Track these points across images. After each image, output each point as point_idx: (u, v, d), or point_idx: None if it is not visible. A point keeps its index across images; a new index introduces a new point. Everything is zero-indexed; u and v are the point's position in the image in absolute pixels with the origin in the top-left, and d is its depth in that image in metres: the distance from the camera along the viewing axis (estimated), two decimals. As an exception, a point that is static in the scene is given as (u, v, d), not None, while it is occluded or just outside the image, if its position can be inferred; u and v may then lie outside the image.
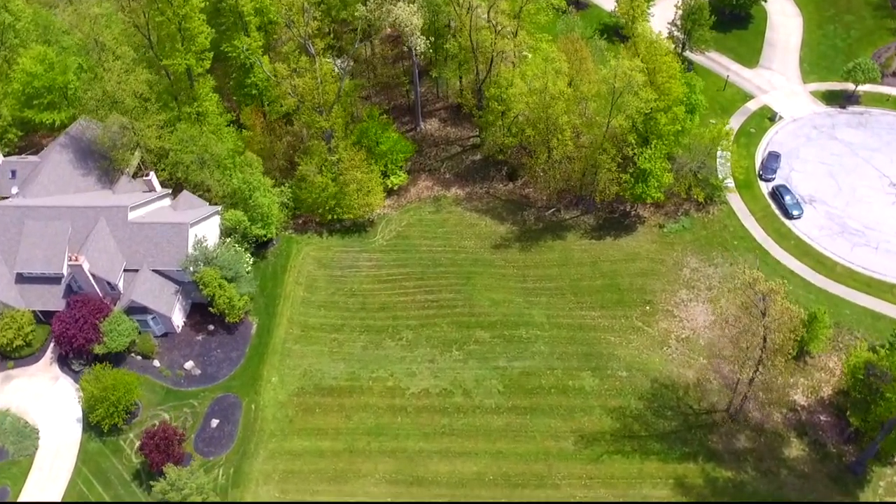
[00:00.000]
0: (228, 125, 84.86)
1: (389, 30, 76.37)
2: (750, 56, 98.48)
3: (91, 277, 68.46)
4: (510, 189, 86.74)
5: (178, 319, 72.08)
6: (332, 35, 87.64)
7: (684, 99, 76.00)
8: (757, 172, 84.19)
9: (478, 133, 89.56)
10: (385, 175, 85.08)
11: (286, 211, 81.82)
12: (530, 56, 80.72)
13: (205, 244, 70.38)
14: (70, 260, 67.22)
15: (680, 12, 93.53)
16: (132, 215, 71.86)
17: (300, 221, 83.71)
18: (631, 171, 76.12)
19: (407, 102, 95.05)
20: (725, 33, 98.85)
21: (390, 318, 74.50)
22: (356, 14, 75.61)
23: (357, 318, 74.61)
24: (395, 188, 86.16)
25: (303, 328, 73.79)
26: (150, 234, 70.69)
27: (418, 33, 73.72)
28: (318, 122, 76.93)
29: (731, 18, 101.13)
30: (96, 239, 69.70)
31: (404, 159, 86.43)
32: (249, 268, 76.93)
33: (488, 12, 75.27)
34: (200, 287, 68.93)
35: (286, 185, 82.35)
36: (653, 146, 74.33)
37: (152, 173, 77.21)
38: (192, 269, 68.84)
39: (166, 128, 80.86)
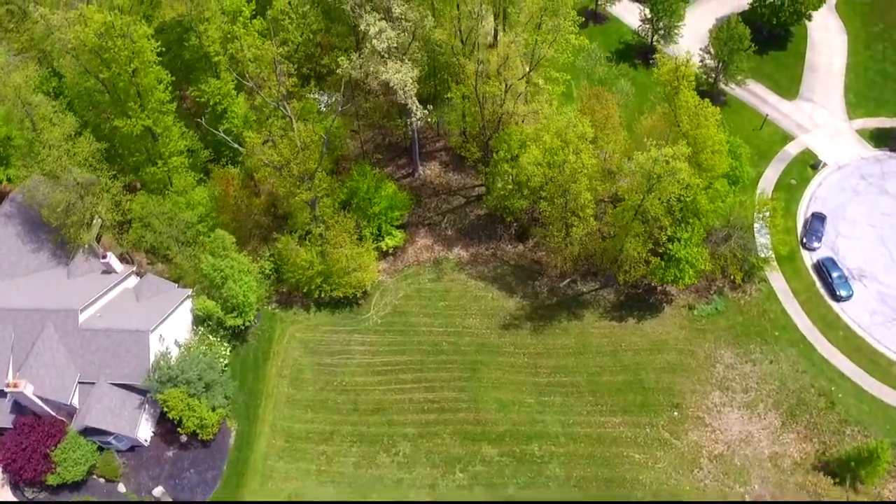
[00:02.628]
0: (200, 178, 70.52)
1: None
2: (789, 84, 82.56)
3: (38, 400, 56.04)
4: (520, 251, 72.91)
5: (145, 432, 59.80)
6: (313, 75, 71.61)
7: (729, 172, 61.64)
8: (799, 239, 70.34)
9: (483, 182, 75.09)
10: (379, 235, 71.35)
11: (267, 283, 68.61)
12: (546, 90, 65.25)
13: (169, 355, 57.53)
14: (9, 386, 54.46)
15: (713, 35, 77.52)
16: (85, 318, 58.47)
17: (285, 291, 70.57)
18: (661, 250, 62.62)
19: (404, 140, 79.74)
20: (762, 55, 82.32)
21: (385, 423, 62.30)
22: (338, 70, 59.79)
23: (348, 424, 62.43)
24: (391, 250, 72.70)
25: (287, 438, 61.64)
26: (105, 342, 57.46)
27: (414, 98, 58.21)
28: (299, 195, 62.56)
29: (769, 38, 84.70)
30: (42, 351, 56.55)
31: (401, 216, 72.54)
32: (227, 360, 64.49)
33: (498, 69, 59.42)
34: (165, 409, 56.64)
35: (266, 255, 68.70)
36: (690, 231, 60.54)
37: (110, 255, 63.22)
38: (154, 387, 56.41)
39: (126, 194, 66.66)
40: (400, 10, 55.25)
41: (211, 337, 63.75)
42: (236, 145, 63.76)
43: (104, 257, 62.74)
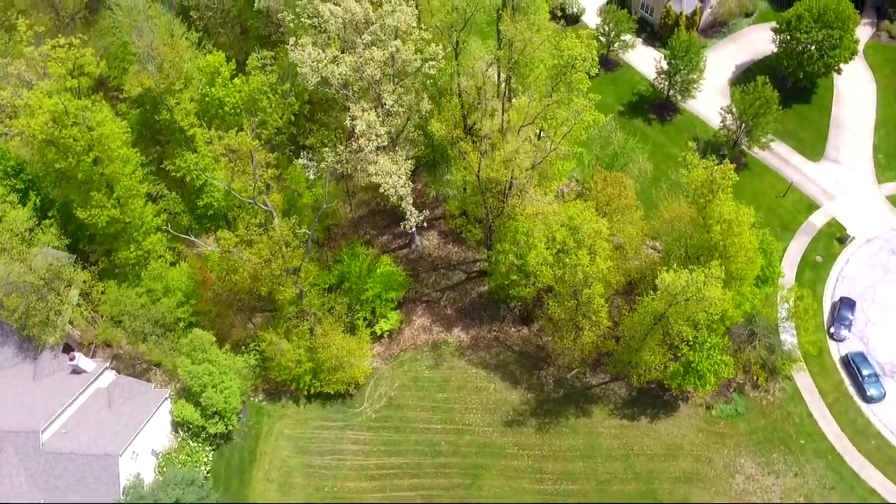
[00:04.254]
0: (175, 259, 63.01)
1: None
2: (813, 143, 74.43)
3: (-4, 535, 49.75)
4: (524, 335, 65.72)
5: (118, 557, 53.83)
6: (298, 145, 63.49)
7: (760, 273, 54.27)
8: (826, 328, 63.23)
9: (485, 257, 67.58)
10: (373, 318, 64.15)
11: (253, 376, 61.63)
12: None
13: (142, 479, 50.87)
14: (-38, 526, 48.22)
15: (737, 97, 69.06)
16: (49, 436, 51.72)
17: (273, 382, 63.19)
18: (680, 353, 55.57)
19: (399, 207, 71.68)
20: (785, 110, 73.62)
21: (380, 539, 56.37)
22: (321, 164, 51.82)
23: (339, 540, 56.46)
24: (386, 334, 65.61)
25: (273, 557, 55.76)
26: (70, 466, 50.60)
27: (409, 201, 50.47)
28: (282, 293, 55.16)
29: (793, 91, 76.36)
30: (1, 477, 50.13)
31: (397, 297, 65.26)
32: (209, 465, 57.92)
33: (505, 163, 51.39)
34: (136, 548, 50.26)
35: (252, 345, 61.54)
36: (713, 338, 53.45)
37: (79, 356, 56.18)
38: (125, 523, 49.94)
39: (97, 282, 59.27)
40: (392, 102, 47.18)
41: (191, 443, 57.09)
42: (210, 247, 55.42)
43: (72, 359, 55.73)
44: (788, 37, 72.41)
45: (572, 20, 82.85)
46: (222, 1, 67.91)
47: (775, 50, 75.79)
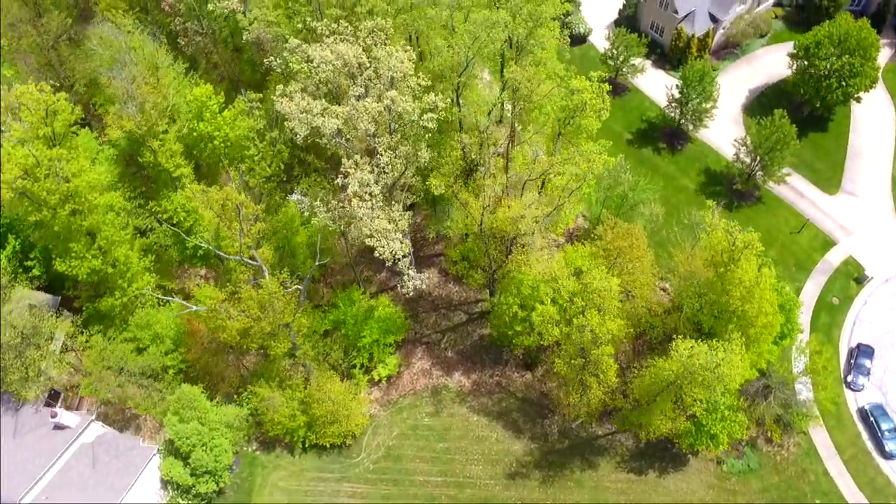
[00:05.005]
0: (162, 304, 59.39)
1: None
2: (830, 174, 70.55)
3: None
4: (527, 381, 62.37)
5: None
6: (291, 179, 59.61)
7: (780, 330, 50.74)
8: (843, 376, 59.94)
9: (488, 298, 64.07)
10: (370, 363, 60.84)
11: (247, 426, 58.35)
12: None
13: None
14: None
15: (752, 131, 65.23)
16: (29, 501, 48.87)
17: (266, 432, 60.11)
18: (692, 412, 52.27)
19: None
20: (800, 139, 69.33)
21: None
22: (313, 220, 47.94)
23: None
24: (384, 379, 62.33)
25: None
26: (52, 537, 48.06)
27: (406, 263, 46.75)
28: (274, 348, 51.72)
29: (809, 119, 72.27)
30: (-21, 550, 47.27)
31: (395, 341, 61.85)
32: (198, 523, 54.97)
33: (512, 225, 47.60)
34: None
35: (245, 395, 58.20)
36: (726, 400, 50.11)
37: (61, 412, 52.84)
38: None
39: (81, 331, 55.78)
40: (387, 159, 43.31)
41: (181, 501, 54.08)
42: (196, 308, 51.33)
43: (54, 416, 52.52)
44: (806, 63, 68.33)
45: (579, 40, 78.58)
46: (211, 25, 63.89)
47: (791, 74, 71.88)
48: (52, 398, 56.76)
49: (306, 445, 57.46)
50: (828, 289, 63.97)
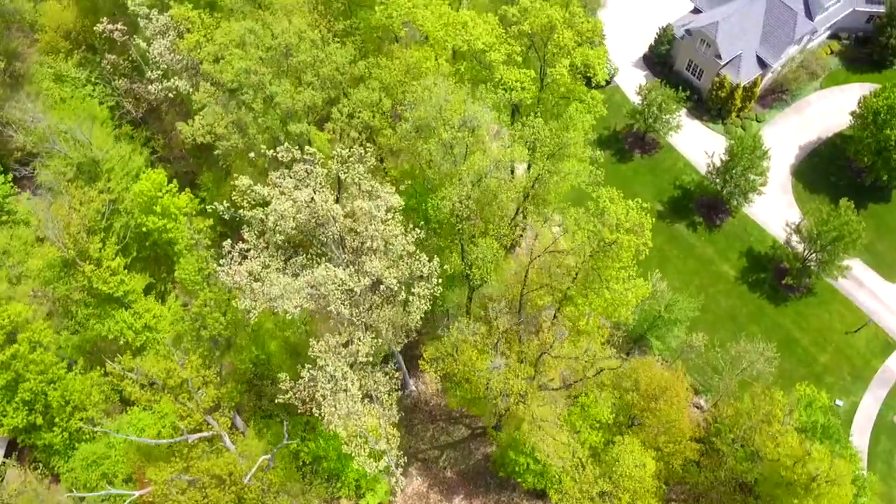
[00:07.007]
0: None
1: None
2: (892, 257, 59.46)
3: None
4: (538, 510, 53.45)
5: None
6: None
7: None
8: (907, 519, 50.69)
9: (493, 432, 53.70)
10: (356, 494, 51.32)
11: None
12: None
13: None
14: None
15: (811, 216, 53.37)
16: None
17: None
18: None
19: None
20: (858, 210, 57.31)
21: None
22: (277, 398, 36.90)
23: None
24: (373, 507, 52.93)
25: None
26: None
27: (394, 456, 36.34)
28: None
29: (870, 190, 60.41)
30: None
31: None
32: None
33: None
34: None
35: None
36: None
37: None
38: None
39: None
40: (366, 349, 32.56)
41: None
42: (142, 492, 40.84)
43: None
44: (874, 129, 56.12)
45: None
46: (158, 88, 51.19)
47: (850, 128, 59.83)
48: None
49: None
50: (888, 405, 53.75)
